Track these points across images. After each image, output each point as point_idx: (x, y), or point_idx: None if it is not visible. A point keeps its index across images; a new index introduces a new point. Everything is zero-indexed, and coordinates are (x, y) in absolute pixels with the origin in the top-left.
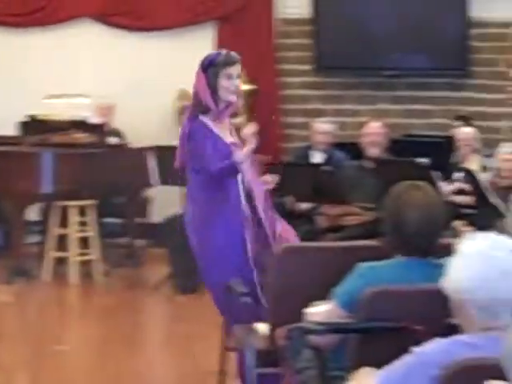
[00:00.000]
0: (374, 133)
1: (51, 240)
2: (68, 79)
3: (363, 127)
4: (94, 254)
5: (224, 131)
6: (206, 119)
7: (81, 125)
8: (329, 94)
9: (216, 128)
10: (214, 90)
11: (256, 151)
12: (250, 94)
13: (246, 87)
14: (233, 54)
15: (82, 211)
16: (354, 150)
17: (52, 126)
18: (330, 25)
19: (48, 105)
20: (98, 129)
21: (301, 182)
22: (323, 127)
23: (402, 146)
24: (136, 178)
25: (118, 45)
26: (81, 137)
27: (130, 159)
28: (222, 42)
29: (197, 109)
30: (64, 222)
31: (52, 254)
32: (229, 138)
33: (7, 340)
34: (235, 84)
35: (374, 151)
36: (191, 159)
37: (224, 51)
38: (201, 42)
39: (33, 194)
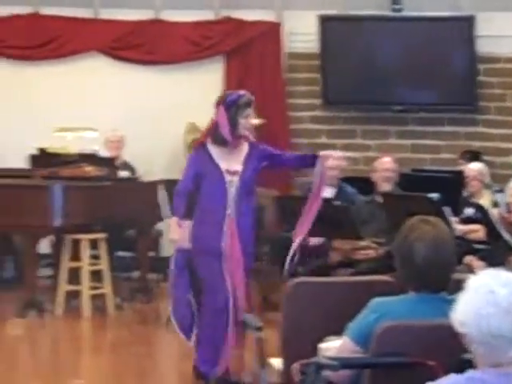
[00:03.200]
0: (385, 168)
1: (63, 273)
2: (78, 112)
3: (374, 162)
4: (106, 287)
5: (230, 158)
6: (212, 148)
7: (91, 158)
8: (337, 128)
9: (220, 154)
10: (233, 126)
11: (265, 184)
12: (257, 129)
13: (254, 121)
14: (250, 96)
15: (94, 244)
16: (363, 184)
17: (62, 159)
18: (338, 59)
19: (58, 138)
20: (108, 162)
21: None
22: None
23: (412, 181)
24: (147, 212)
25: (127, 79)
26: (91, 170)
27: (140, 193)
28: (230, 76)
29: (210, 138)
30: (76, 256)
31: (64, 287)
32: (230, 165)
33: (20, 374)
34: (250, 122)
35: (385, 186)
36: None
37: (242, 92)
38: (210, 76)
39: (44, 227)
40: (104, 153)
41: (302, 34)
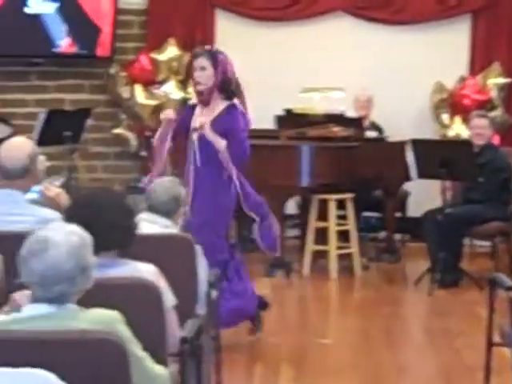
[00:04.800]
0: None
1: (310, 234)
2: (324, 73)
3: None
4: (353, 247)
5: (203, 114)
6: (196, 102)
7: (338, 118)
8: None
9: (200, 109)
10: (192, 81)
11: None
12: (503, 88)
13: (500, 80)
14: (200, 48)
15: (341, 205)
16: None
17: (309, 119)
18: None
19: (304, 98)
20: (355, 122)
21: None
22: None
23: None
24: (394, 172)
25: (373, 39)
26: (338, 130)
27: (388, 153)
28: (477, 36)
29: None
30: (323, 216)
31: (311, 247)
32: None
33: (268, 332)
34: (196, 75)
35: None
36: None
37: (200, 46)
38: (456, 36)
39: (291, 187)
40: (351, 113)
41: None
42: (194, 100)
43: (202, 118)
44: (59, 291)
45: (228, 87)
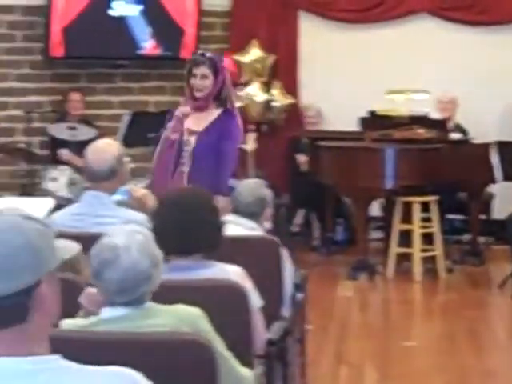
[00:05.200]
0: None
1: (394, 236)
2: (409, 74)
3: None
4: (438, 250)
5: (197, 118)
6: (186, 105)
7: (422, 120)
8: None
9: (193, 115)
10: (188, 86)
11: None
12: None
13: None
14: (200, 55)
15: (425, 207)
16: None
17: (393, 121)
18: None
19: (389, 100)
20: (439, 124)
21: None
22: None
23: None
24: (479, 174)
25: (458, 40)
26: (422, 132)
27: (473, 155)
28: None
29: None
30: (407, 218)
31: (395, 249)
32: (191, 125)
33: (352, 335)
34: (198, 83)
35: None
36: None
37: (199, 52)
38: None
39: (376, 189)
40: (435, 115)
41: None
42: (183, 106)
43: None
44: (138, 293)
45: (224, 95)
